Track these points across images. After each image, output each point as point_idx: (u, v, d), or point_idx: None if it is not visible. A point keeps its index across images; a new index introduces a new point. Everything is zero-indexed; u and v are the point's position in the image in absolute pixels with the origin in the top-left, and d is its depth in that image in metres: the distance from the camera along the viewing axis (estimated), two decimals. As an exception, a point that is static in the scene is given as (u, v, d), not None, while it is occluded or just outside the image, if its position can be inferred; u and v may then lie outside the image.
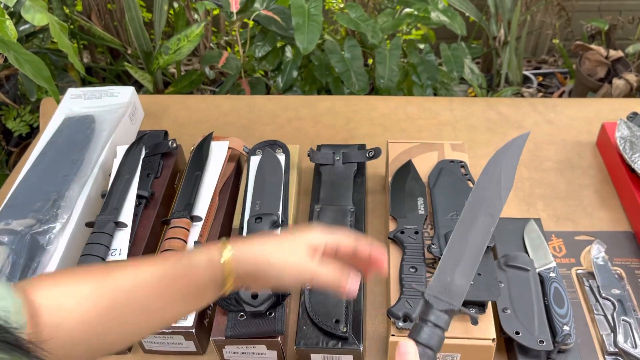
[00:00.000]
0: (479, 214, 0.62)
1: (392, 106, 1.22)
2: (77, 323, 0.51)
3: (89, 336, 0.52)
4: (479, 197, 0.63)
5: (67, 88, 1.18)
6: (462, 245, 0.61)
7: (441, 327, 0.56)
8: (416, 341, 0.55)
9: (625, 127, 1.00)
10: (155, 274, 0.57)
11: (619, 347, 0.76)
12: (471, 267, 0.60)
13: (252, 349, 0.77)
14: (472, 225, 0.62)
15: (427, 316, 0.56)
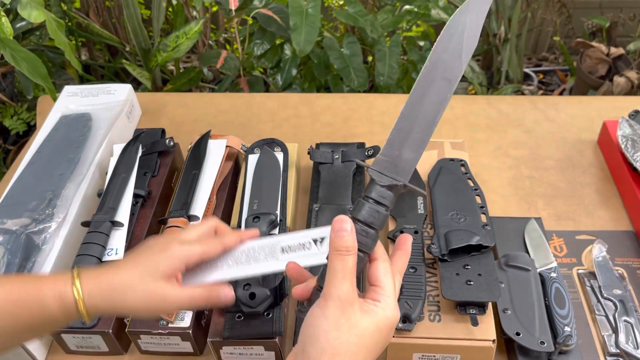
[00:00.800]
0: (434, 79, 0.56)
1: (392, 104, 1.21)
2: None
3: None
4: (437, 59, 0.56)
5: (65, 85, 1.17)
6: (414, 115, 0.56)
7: (384, 204, 0.53)
8: (356, 219, 0.52)
9: (627, 125, 0.99)
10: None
11: (620, 347, 0.76)
12: (421, 139, 0.56)
13: (249, 349, 0.76)
14: (427, 92, 0.56)
15: (369, 193, 0.53)
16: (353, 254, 0.50)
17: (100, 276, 0.57)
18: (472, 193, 0.86)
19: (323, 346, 0.48)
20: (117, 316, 0.61)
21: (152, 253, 0.59)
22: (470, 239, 0.76)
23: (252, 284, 0.75)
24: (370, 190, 0.54)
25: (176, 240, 0.60)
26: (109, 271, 0.57)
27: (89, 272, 0.57)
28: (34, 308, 0.53)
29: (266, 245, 0.63)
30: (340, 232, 0.51)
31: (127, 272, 0.57)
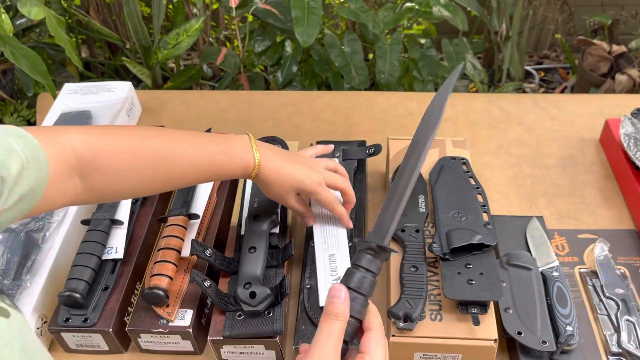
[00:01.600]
0: (411, 156, 0.69)
1: (393, 102, 1.21)
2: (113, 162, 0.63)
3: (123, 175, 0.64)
4: (415, 140, 0.71)
5: (65, 83, 1.16)
6: (394, 190, 0.66)
7: (372, 271, 0.58)
8: (348, 287, 0.56)
9: (629, 124, 0.98)
10: (190, 157, 0.69)
11: (622, 347, 0.75)
12: (395, 206, 0.64)
13: (250, 348, 0.76)
14: (405, 169, 0.67)
15: (358, 261, 0.58)
16: (342, 321, 0.54)
17: (274, 158, 0.75)
18: (473, 192, 0.86)
19: None
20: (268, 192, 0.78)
21: (304, 167, 0.78)
22: (472, 237, 0.76)
23: (253, 283, 0.75)
24: (359, 259, 0.58)
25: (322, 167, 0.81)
26: (281, 158, 0.76)
27: (266, 149, 0.75)
28: (224, 167, 0.72)
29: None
30: (334, 299, 0.55)
31: (288, 167, 0.76)
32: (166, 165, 0.67)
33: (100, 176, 0.63)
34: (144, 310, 0.78)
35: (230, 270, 0.80)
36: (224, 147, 0.72)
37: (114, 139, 0.64)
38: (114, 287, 0.81)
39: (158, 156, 0.67)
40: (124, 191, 0.67)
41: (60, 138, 0.60)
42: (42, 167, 0.56)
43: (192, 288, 0.80)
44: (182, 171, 0.69)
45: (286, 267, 0.82)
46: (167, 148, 0.67)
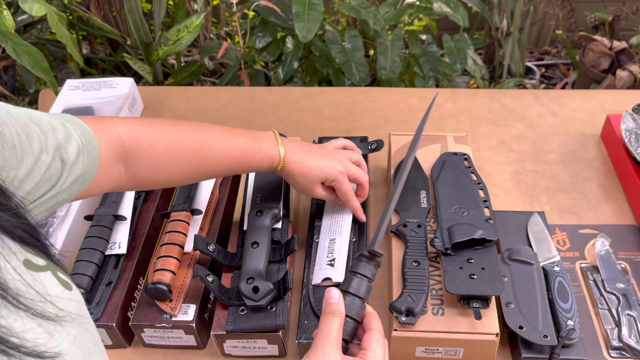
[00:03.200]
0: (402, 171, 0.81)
1: (394, 98, 1.21)
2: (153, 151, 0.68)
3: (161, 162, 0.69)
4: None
5: (66, 79, 1.16)
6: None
7: (367, 276, 0.65)
8: (346, 291, 0.63)
9: (630, 119, 0.99)
10: (222, 150, 0.73)
11: (623, 341, 0.76)
12: (383, 216, 0.74)
13: (253, 343, 0.76)
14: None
15: (355, 268, 0.65)
16: (339, 317, 0.60)
17: (298, 149, 0.79)
18: (475, 187, 0.86)
19: None
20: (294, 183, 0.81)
21: (328, 157, 0.81)
22: (474, 233, 0.76)
23: (256, 278, 0.75)
24: (355, 266, 0.66)
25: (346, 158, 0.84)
26: (303, 150, 0.79)
27: (291, 145, 0.79)
28: (252, 160, 0.75)
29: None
30: (330, 300, 0.61)
31: (316, 153, 0.80)
32: (200, 157, 0.72)
33: (142, 164, 0.68)
34: (147, 305, 0.78)
35: (233, 265, 0.81)
36: (253, 142, 0.76)
37: (156, 130, 0.69)
38: (117, 282, 0.81)
39: (194, 148, 0.71)
40: (161, 179, 0.71)
41: (109, 127, 0.65)
42: (95, 152, 0.61)
43: (195, 283, 0.81)
44: (215, 163, 0.73)
45: (289, 262, 0.82)
46: (202, 141, 0.72)
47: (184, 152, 0.71)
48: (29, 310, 0.38)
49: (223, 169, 0.75)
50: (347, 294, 0.63)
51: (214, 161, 0.73)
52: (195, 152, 0.71)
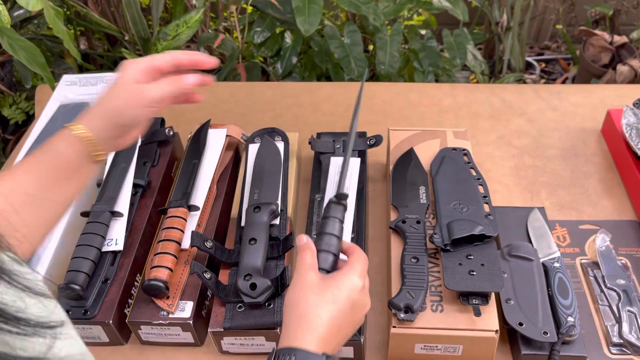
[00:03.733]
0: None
1: (394, 93, 1.20)
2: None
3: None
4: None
5: (64, 75, 1.15)
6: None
7: (336, 217, 0.66)
8: (321, 232, 0.65)
9: (631, 114, 0.98)
10: (29, 173, 0.63)
11: (623, 337, 0.75)
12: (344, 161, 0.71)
13: (250, 340, 0.76)
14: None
15: (327, 213, 0.66)
16: (310, 251, 0.63)
17: (91, 110, 0.68)
18: (474, 182, 0.85)
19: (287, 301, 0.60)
20: (114, 126, 0.68)
21: (123, 76, 0.67)
22: (473, 228, 0.75)
23: (253, 274, 0.75)
24: (327, 210, 0.67)
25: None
26: (94, 106, 0.68)
27: (83, 116, 0.67)
28: (51, 158, 0.64)
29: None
30: (299, 243, 0.64)
31: (108, 93, 0.68)
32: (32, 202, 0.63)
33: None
34: (145, 302, 0.78)
35: (231, 261, 0.80)
36: (48, 146, 0.66)
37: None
38: (114, 279, 0.80)
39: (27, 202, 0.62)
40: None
41: None
42: None
43: (192, 280, 0.80)
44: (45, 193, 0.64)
45: (287, 258, 0.81)
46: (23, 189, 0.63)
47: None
48: (29, 290, 0.41)
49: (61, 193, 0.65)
50: (324, 234, 0.64)
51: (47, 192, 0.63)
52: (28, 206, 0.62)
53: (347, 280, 0.60)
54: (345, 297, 0.59)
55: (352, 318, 0.60)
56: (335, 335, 0.58)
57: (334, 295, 0.59)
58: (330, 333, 0.58)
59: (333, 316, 0.58)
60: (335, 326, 0.58)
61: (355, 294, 0.60)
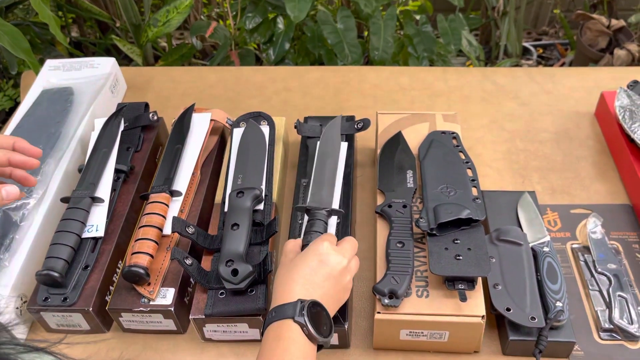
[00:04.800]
0: (326, 161, 0.85)
1: (384, 77, 1.18)
2: None
3: None
4: (323, 151, 0.87)
5: (47, 59, 1.13)
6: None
7: (319, 232, 0.74)
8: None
9: (625, 96, 0.96)
10: None
11: (614, 323, 0.74)
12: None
13: (233, 327, 0.74)
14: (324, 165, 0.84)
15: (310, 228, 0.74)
16: (294, 241, 0.71)
17: None
18: (463, 166, 0.83)
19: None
20: None
21: None
22: (460, 212, 0.74)
23: (235, 260, 0.73)
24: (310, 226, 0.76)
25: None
26: None
27: None
28: None
29: None
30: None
31: None
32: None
33: None
34: (126, 289, 0.76)
35: (213, 248, 0.78)
36: None
37: None
38: (95, 266, 0.79)
39: None
40: None
41: None
42: None
43: (174, 266, 0.78)
44: None
45: (271, 244, 0.80)
46: None
47: None
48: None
49: None
50: (312, 232, 0.74)
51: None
52: None
53: (313, 244, 0.67)
54: (310, 253, 0.66)
55: (323, 270, 0.64)
56: (306, 285, 0.63)
57: (301, 256, 0.66)
58: (300, 284, 0.63)
59: (301, 271, 0.64)
60: (304, 278, 0.63)
61: (321, 249, 0.66)
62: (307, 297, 0.62)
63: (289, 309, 0.60)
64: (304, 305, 0.60)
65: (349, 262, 0.67)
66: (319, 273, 0.64)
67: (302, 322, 0.59)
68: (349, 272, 0.67)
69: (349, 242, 0.70)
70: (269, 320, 0.61)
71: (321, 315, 0.61)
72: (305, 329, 0.59)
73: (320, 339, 0.60)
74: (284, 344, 0.58)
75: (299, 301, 0.60)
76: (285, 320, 0.59)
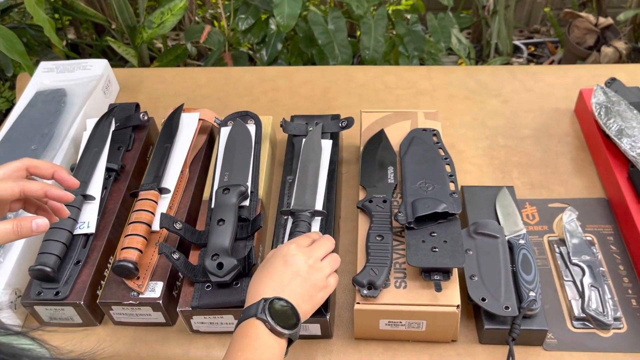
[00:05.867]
0: (309, 165, 0.88)
1: (371, 76, 1.21)
2: None
3: None
4: (307, 156, 0.90)
5: (41, 61, 1.16)
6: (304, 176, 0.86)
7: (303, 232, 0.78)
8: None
9: (601, 93, 0.98)
10: None
11: (586, 312, 0.76)
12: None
13: (219, 319, 0.77)
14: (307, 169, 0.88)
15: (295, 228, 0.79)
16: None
17: None
18: (442, 162, 0.86)
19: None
20: None
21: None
22: (437, 206, 0.76)
23: (220, 254, 0.76)
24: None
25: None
26: None
27: None
28: None
29: None
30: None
31: None
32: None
33: None
34: (116, 283, 0.79)
35: (200, 243, 0.81)
36: None
37: None
38: (86, 261, 0.82)
39: None
40: None
41: None
42: None
43: (163, 261, 0.81)
44: None
45: (256, 238, 0.82)
46: None
47: None
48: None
49: None
50: (296, 232, 0.79)
51: None
52: None
53: (279, 248, 0.71)
54: (276, 256, 0.69)
55: (289, 270, 0.67)
56: (273, 285, 0.66)
57: (268, 259, 0.70)
58: (267, 285, 0.66)
59: (268, 273, 0.68)
60: (271, 279, 0.67)
61: (285, 251, 0.69)
62: (273, 295, 0.65)
63: (253, 308, 0.63)
64: (266, 303, 0.63)
65: (318, 261, 0.69)
66: (284, 273, 0.67)
67: (264, 318, 0.62)
68: (318, 270, 0.69)
69: (322, 241, 0.72)
70: (237, 322, 0.64)
71: (287, 311, 0.64)
72: (268, 324, 0.61)
73: (286, 332, 0.62)
74: (248, 340, 0.61)
75: (262, 300, 0.63)
76: (249, 319, 0.62)
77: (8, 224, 0.61)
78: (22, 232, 0.61)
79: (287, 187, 0.90)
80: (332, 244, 0.73)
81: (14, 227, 0.61)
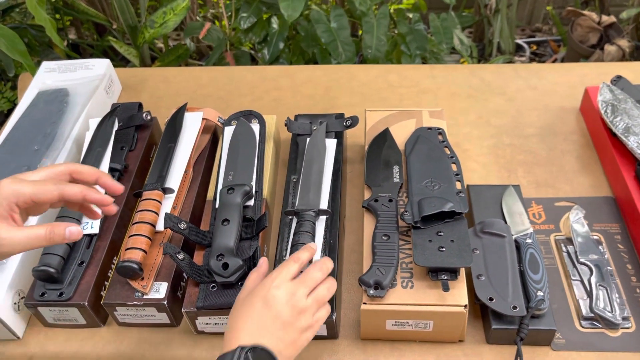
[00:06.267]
0: (313, 165, 0.87)
1: (373, 75, 1.20)
2: None
3: None
4: (311, 156, 0.89)
5: (43, 61, 1.15)
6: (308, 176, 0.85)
7: (307, 231, 0.77)
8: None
9: (607, 91, 0.98)
10: None
11: (594, 311, 0.76)
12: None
13: (224, 319, 0.76)
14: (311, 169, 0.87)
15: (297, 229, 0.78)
16: (257, 274, 0.69)
17: None
18: (447, 161, 0.85)
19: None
20: None
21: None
22: (443, 205, 0.76)
23: (225, 255, 0.75)
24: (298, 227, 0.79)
25: (12, 177, 0.62)
26: None
27: None
28: None
29: None
30: (260, 269, 0.71)
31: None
32: None
33: None
34: (120, 284, 0.79)
35: (205, 243, 0.80)
36: None
37: None
38: (90, 262, 0.81)
39: None
40: None
41: None
42: None
43: (167, 261, 0.81)
44: None
45: (261, 238, 0.82)
46: None
47: None
48: None
49: None
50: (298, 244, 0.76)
51: None
52: None
53: (261, 283, 0.65)
54: (256, 294, 0.64)
55: (269, 313, 0.62)
56: (251, 330, 0.61)
57: (250, 295, 0.64)
58: (245, 330, 0.61)
59: (247, 313, 0.62)
60: (250, 322, 0.62)
61: (266, 289, 0.63)
62: (251, 342, 0.60)
63: (228, 357, 0.58)
64: (242, 352, 0.58)
65: (303, 298, 0.64)
66: (264, 316, 0.62)
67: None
68: (301, 312, 0.63)
69: (314, 269, 0.67)
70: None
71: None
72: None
73: None
74: None
75: (238, 348, 0.59)
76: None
77: (41, 229, 0.60)
78: (55, 239, 0.61)
79: (292, 187, 0.89)
80: (328, 268, 0.69)
81: (46, 234, 0.61)
